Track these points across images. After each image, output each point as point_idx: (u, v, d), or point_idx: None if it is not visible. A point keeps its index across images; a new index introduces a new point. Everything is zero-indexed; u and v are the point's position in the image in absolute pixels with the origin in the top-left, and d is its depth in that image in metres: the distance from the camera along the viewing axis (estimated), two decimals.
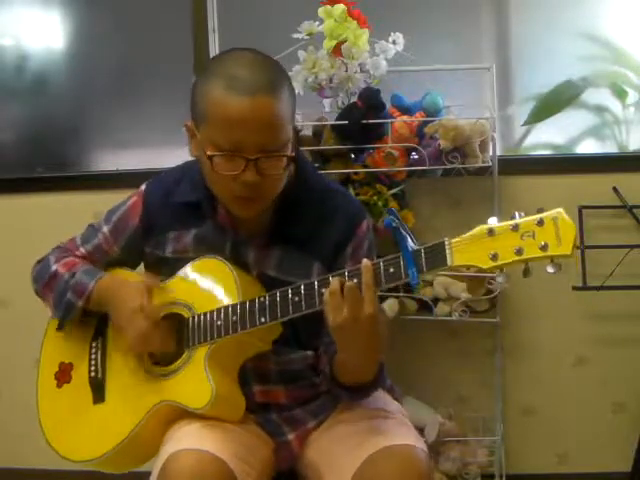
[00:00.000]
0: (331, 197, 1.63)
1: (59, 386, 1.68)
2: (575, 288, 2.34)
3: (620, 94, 2.81)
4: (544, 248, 1.25)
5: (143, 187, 1.70)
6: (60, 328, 1.68)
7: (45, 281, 1.69)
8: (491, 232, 1.29)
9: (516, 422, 2.65)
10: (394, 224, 1.34)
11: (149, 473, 1.50)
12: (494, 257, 1.28)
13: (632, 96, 2.80)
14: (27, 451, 2.72)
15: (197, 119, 1.50)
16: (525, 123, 2.83)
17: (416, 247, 1.35)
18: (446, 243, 1.31)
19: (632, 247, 2.39)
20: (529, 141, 2.87)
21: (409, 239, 1.35)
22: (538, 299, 2.55)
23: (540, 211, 1.28)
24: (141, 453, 1.60)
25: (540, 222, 1.26)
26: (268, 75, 1.46)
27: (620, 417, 2.62)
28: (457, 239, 1.31)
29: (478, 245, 1.29)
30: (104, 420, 1.59)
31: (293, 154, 1.49)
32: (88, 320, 1.69)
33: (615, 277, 2.30)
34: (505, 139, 2.84)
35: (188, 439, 1.45)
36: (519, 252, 1.26)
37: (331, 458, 1.53)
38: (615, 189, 2.52)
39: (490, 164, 2.43)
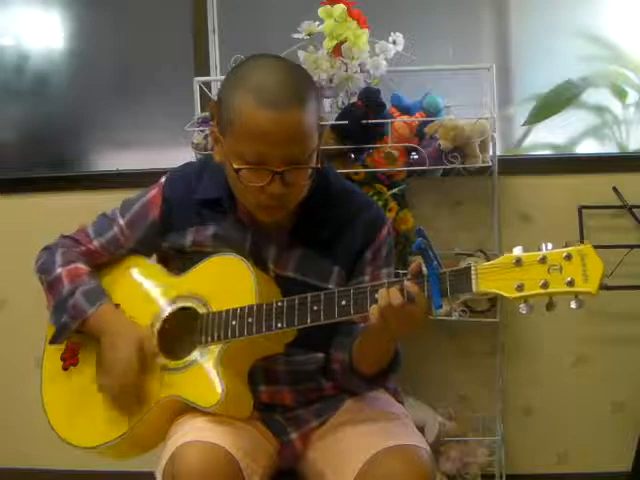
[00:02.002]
0: (352, 200, 1.63)
1: (65, 368, 1.66)
2: None
3: (620, 94, 2.81)
4: (570, 284, 1.25)
5: (162, 180, 1.69)
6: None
7: (47, 281, 1.67)
8: (518, 262, 1.28)
9: (516, 422, 2.65)
10: (423, 246, 1.32)
11: (150, 473, 1.50)
12: (519, 288, 1.28)
13: (632, 96, 2.80)
14: (27, 451, 2.73)
15: (223, 128, 1.49)
16: (525, 123, 2.83)
17: (441, 270, 1.34)
18: (472, 269, 1.31)
19: (632, 247, 2.40)
20: (529, 141, 2.87)
21: (435, 262, 1.34)
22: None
23: (568, 244, 1.27)
24: (145, 443, 1.60)
25: (568, 257, 1.26)
26: (296, 86, 1.45)
27: (620, 416, 2.62)
28: (483, 265, 1.31)
29: (504, 274, 1.29)
30: (109, 408, 1.58)
31: (319, 165, 1.50)
32: None
33: (615, 277, 2.29)
34: (505, 139, 2.84)
35: (196, 432, 1.44)
36: (545, 285, 1.26)
37: (333, 458, 1.53)
38: (615, 189, 2.52)
39: (490, 164, 2.43)
